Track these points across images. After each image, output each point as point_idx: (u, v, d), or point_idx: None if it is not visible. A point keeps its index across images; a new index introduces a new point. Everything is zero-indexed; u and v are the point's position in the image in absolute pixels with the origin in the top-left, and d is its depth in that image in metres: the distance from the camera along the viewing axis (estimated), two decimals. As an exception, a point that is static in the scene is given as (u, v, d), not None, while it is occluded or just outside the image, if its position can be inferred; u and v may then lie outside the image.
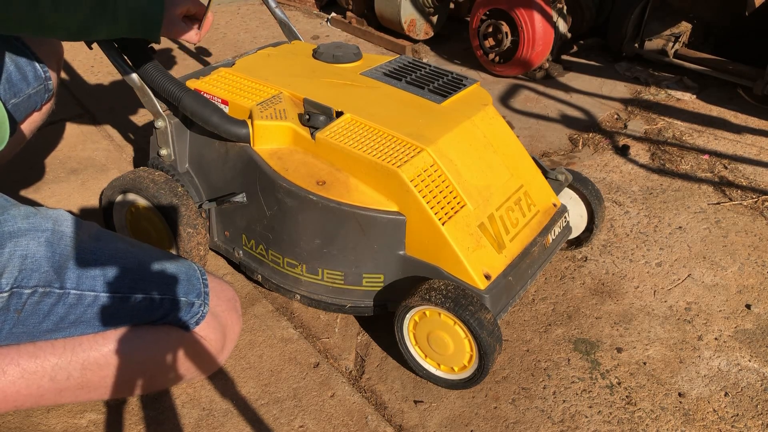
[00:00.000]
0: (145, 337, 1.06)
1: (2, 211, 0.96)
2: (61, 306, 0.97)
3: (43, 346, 0.97)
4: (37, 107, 1.41)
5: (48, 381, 0.97)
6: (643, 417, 1.17)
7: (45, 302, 0.95)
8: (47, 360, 0.97)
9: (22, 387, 0.95)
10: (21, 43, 1.34)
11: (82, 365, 0.99)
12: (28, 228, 0.96)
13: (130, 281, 1.03)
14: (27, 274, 0.93)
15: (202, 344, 1.11)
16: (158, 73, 1.27)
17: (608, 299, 1.44)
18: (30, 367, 0.95)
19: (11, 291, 0.92)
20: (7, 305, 0.92)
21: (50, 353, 0.97)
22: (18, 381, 0.95)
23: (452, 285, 1.12)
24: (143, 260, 1.06)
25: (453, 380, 1.18)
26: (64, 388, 0.99)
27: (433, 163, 1.19)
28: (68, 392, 1.00)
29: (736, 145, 2.08)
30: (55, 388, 0.98)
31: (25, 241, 0.94)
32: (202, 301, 1.09)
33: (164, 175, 1.36)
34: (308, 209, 1.20)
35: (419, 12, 2.73)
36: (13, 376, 0.94)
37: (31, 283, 0.93)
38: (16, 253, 0.93)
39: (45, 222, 0.98)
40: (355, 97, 1.33)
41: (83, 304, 0.98)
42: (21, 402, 0.97)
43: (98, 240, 1.04)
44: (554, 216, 1.35)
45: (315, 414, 1.16)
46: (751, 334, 1.36)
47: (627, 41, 2.59)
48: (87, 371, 1.00)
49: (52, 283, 0.95)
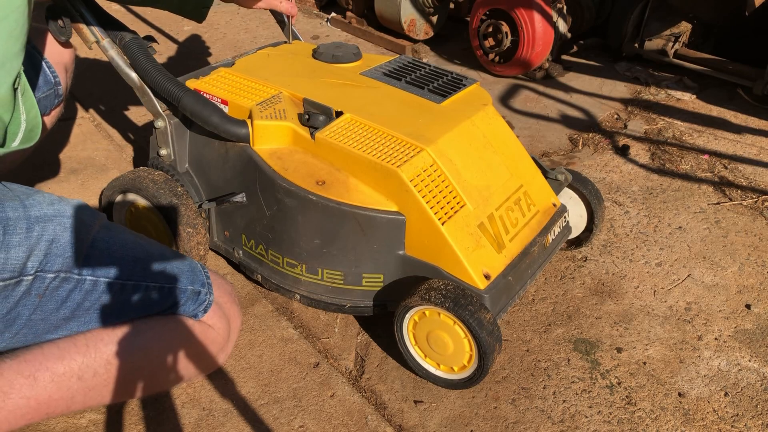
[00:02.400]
0: (160, 327, 1.07)
1: (27, 196, 0.99)
2: (77, 292, 0.99)
3: (67, 346, 0.98)
4: (46, 112, 1.41)
5: (76, 381, 0.98)
6: (643, 417, 1.17)
7: (63, 288, 0.97)
8: (74, 360, 0.97)
9: (54, 391, 0.96)
10: (31, 46, 1.33)
11: (106, 360, 1.00)
12: (54, 214, 0.98)
13: (141, 270, 1.05)
14: (52, 259, 0.95)
15: (211, 333, 1.13)
16: (158, 72, 1.27)
17: (608, 299, 1.44)
18: (59, 369, 0.96)
19: (35, 274, 0.94)
20: (29, 289, 0.94)
21: (75, 352, 0.98)
22: (49, 385, 0.95)
23: (452, 285, 1.12)
24: (150, 251, 1.09)
25: (453, 380, 1.18)
26: (92, 386, 1.00)
27: (433, 162, 1.19)
28: (95, 391, 1.01)
29: (736, 145, 2.08)
30: (83, 388, 0.99)
31: (52, 227, 0.97)
32: (207, 290, 1.11)
33: (164, 175, 1.36)
34: (308, 209, 1.20)
35: (419, 12, 2.73)
36: (44, 381, 0.95)
37: (55, 267, 0.96)
38: (43, 237, 0.95)
39: (68, 209, 1.01)
40: (355, 97, 1.33)
41: (98, 290, 1.01)
42: (53, 408, 0.97)
43: (109, 230, 1.07)
44: (554, 216, 1.35)
45: (315, 414, 1.16)
46: (751, 334, 1.36)
47: (627, 41, 2.59)
48: (111, 366, 1.01)
49: (72, 269, 0.98)
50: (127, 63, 1.28)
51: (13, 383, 0.92)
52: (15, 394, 0.92)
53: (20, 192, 0.99)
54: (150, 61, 1.28)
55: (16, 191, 0.99)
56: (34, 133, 1.02)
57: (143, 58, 1.27)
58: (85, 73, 2.42)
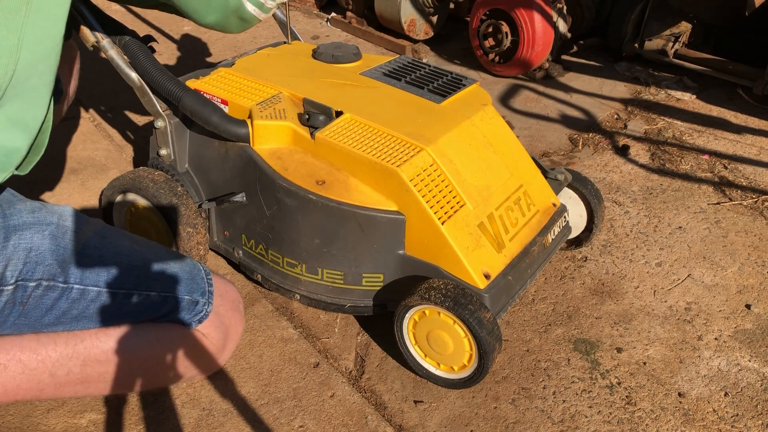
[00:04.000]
0: (147, 335, 1.06)
1: (9, 205, 0.97)
2: (64, 300, 0.97)
3: (45, 341, 0.98)
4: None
5: (48, 376, 0.97)
6: (643, 417, 1.17)
7: (48, 296, 0.96)
8: (48, 356, 0.97)
9: (23, 382, 0.96)
10: None
11: (82, 361, 0.99)
12: (33, 222, 0.97)
13: (134, 278, 1.03)
14: (31, 267, 0.94)
15: (204, 342, 1.11)
16: (158, 72, 1.27)
17: (608, 299, 1.44)
18: (31, 364, 0.96)
19: (16, 284, 0.93)
20: (12, 298, 0.93)
21: (51, 349, 0.97)
22: (18, 376, 0.95)
23: (452, 284, 1.12)
24: (148, 258, 1.07)
25: (453, 380, 1.18)
26: (64, 383, 0.99)
27: (433, 162, 1.19)
28: (68, 387, 1.01)
29: (736, 145, 2.08)
30: (54, 383, 0.98)
31: (30, 234, 0.95)
32: (206, 300, 1.10)
33: (164, 175, 1.36)
34: (308, 209, 1.20)
35: (419, 12, 2.73)
36: (14, 372, 0.95)
37: (36, 275, 0.94)
38: (20, 246, 0.94)
39: (50, 216, 0.99)
40: (355, 97, 1.33)
41: (86, 299, 0.99)
42: (21, 395, 0.98)
43: (103, 237, 1.05)
44: (554, 216, 1.35)
45: (315, 414, 1.16)
46: (751, 334, 1.36)
47: (627, 41, 2.59)
48: (87, 367, 1.00)
49: (56, 277, 0.96)
50: (127, 63, 1.28)
51: None
52: None
53: (3, 200, 0.98)
54: (150, 61, 1.28)
55: (0, 201, 0.98)
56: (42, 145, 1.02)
57: (143, 58, 1.27)
58: (85, 73, 2.42)
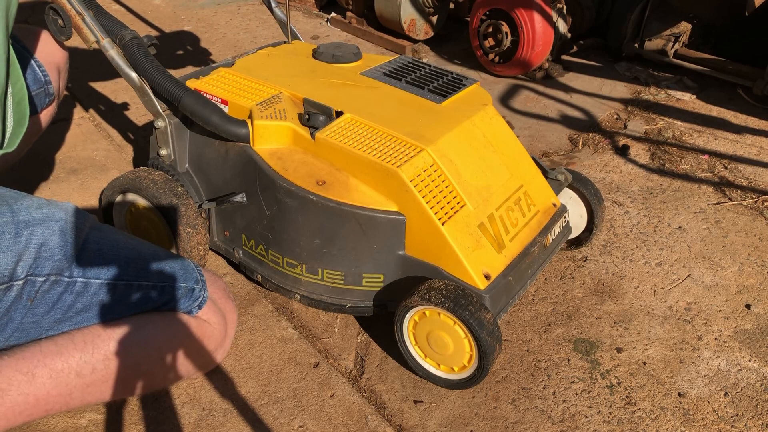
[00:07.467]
0: (157, 323, 1.07)
1: (15, 200, 0.98)
2: (68, 294, 0.99)
3: (65, 343, 0.98)
4: (37, 111, 1.41)
5: (75, 377, 0.98)
6: (643, 417, 1.17)
7: (54, 291, 0.97)
8: (71, 356, 0.98)
9: (52, 387, 0.96)
10: (21, 46, 1.33)
11: (104, 356, 1.00)
12: (43, 218, 0.98)
13: (133, 269, 1.05)
14: (41, 263, 0.95)
15: (207, 329, 1.13)
16: (158, 72, 1.27)
17: (608, 299, 1.44)
18: (57, 366, 0.96)
19: (26, 279, 0.94)
20: (20, 293, 0.94)
21: (73, 349, 0.98)
22: (47, 382, 0.95)
23: (452, 285, 1.12)
24: (141, 251, 1.09)
25: (453, 380, 1.18)
26: (90, 382, 1.00)
27: (433, 163, 1.19)
28: (94, 387, 1.01)
29: (736, 145, 2.08)
30: (82, 384, 0.99)
31: (41, 230, 0.96)
32: (201, 287, 1.12)
33: (164, 175, 1.36)
34: (308, 209, 1.20)
35: (419, 12, 2.73)
36: (42, 378, 0.95)
37: (45, 271, 0.96)
38: (32, 242, 0.95)
39: (58, 212, 1.01)
40: (355, 97, 1.33)
41: (89, 291, 1.00)
42: (51, 404, 0.97)
43: (100, 231, 1.07)
44: (554, 216, 1.35)
45: (315, 414, 1.16)
46: (751, 334, 1.36)
47: (627, 41, 2.59)
48: (109, 362, 1.01)
49: (62, 272, 0.98)
50: (127, 63, 1.28)
51: (11, 380, 0.92)
52: (14, 390, 0.92)
53: (8, 196, 0.99)
54: (150, 61, 1.28)
55: (4, 196, 0.99)
56: (23, 115, 1.01)
57: (143, 58, 1.27)
58: (85, 73, 2.42)
